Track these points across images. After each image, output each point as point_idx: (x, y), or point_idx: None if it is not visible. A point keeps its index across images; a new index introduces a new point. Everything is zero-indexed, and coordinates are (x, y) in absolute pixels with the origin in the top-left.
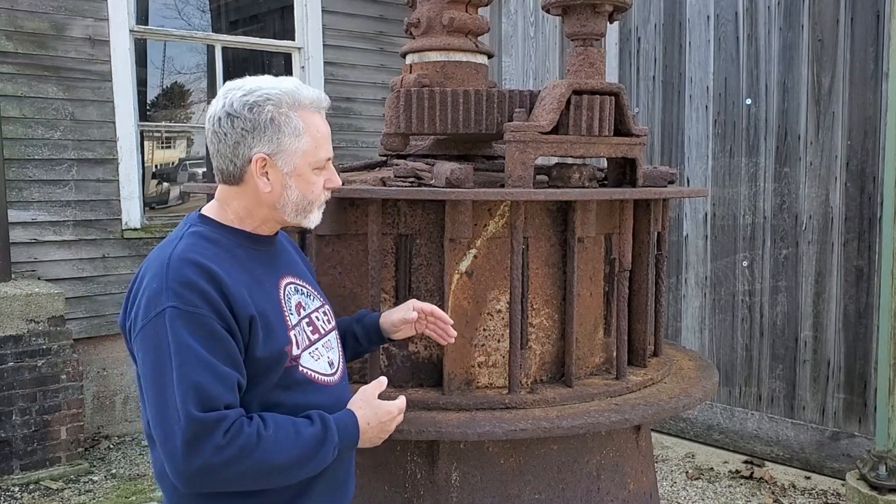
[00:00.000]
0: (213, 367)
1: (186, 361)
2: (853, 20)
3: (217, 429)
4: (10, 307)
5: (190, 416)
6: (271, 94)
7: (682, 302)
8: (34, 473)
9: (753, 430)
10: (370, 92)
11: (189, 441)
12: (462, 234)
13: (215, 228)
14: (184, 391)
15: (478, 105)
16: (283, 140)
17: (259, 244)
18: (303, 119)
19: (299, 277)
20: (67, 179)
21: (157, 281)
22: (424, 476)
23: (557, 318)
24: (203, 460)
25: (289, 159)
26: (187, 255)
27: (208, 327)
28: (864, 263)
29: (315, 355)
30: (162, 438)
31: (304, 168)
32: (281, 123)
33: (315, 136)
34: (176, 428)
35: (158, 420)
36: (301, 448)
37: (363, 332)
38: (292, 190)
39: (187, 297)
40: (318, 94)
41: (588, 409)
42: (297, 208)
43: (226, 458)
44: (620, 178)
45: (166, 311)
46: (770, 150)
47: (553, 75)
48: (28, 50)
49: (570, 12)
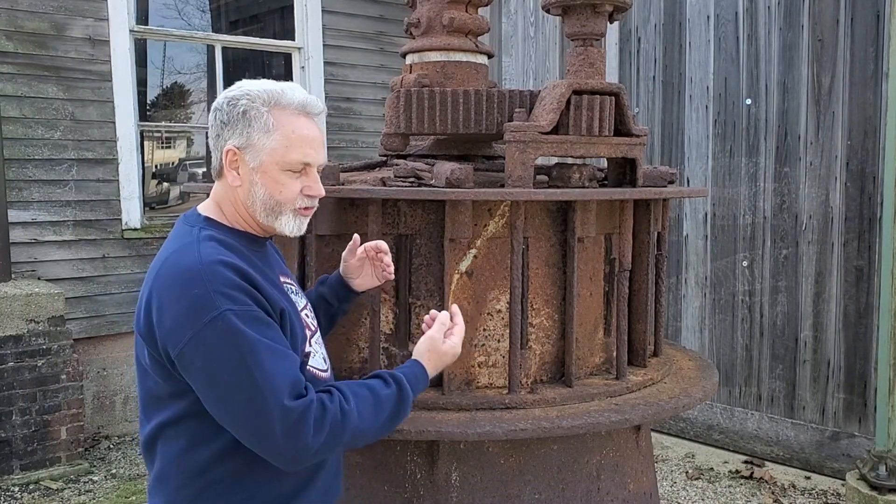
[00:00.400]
0: (286, 355)
1: (263, 357)
2: (853, 20)
3: (308, 414)
4: (10, 307)
5: (284, 408)
6: (251, 91)
7: (682, 302)
8: (34, 473)
9: (753, 430)
10: (370, 92)
11: (286, 431)
12: (462, 234)
13: (222, 231)
14: (273, 384)
15: (478, 105)
16: (252, 135)
17: (258, 245)
18: (277, 118)
19: (288, 276)
20: (67, 179)
21: (197, 287)
22: (424, 476)
23: (557, 318)
24: (302, 445)
25: (256, 154)
26: (217, 257)
27: (264, 321)
28: (864, 263)
29: (312, 352)
30: (255, 436)
31: (270, 166)
32: (252, 118)
33: (288, 137)
34: (274, 420)
35: (243, 419)
36: (382, 413)
37: (330, 291)
38: (258, 187)
39: (238, 297)
40: (307, 99)
41: (588, 409)
42: (266, 208)
43: (321, 439)
44: (620, 178)
45: (223, 314)
46: (770, 150)
47: (553, 75)
48: (28, 50)
49: (570, 12)
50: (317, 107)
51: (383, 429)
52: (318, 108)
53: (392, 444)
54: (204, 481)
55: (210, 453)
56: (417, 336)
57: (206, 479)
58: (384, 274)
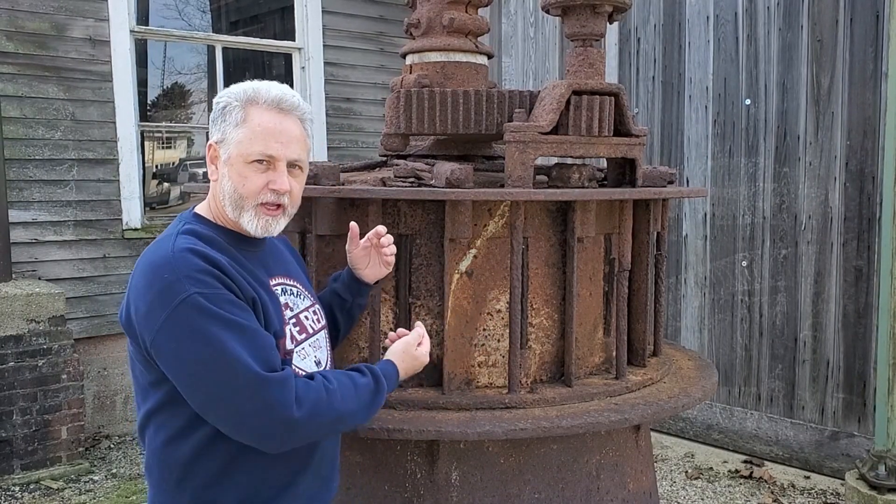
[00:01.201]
0: (258, 333)
1: (233, 335)
2: (853, 20)
3: (288, 385)
4: (11, 307)
5: (261, 379)
6: (237, 90)
7: (681, 302)
8: (35, 473)
9: (753, 429)
10: (370, 92)
11: (266, 404)
12: (462, 234)
13: (208, 227)
14: (244, 360)
15: (478, 105)
16: (227, 129)
17: (247, 245)
18: (247, 112)
19: (290, 277)
20: (68, 179)
21: (167, 272)
22: (424, 476)
23: (557, 317)
24: (285, 417)
25: (227, 148)
26: (187, 246)
27: (235, 302)
28: (863, 263)
29: (301, 354)
30: (233, 413)
31: (236, 158)
32: (227, 113)
33: (253, 129)
34: (249, 395)
35: (223, 398)
36: (361, 399)
37: (342, 287)
38: (226, 179)
39: (207, 281)
40: (282, 95)
41: (588, 408)
42: (232, 202)
43: (305, 413)
44: (620, 178)
45: (191, 297)
46: (769, 150)
47: (553, 76)
48: (29, 50)
49: (569, 13)
50: (292, 103)
51: (360, 415)
52: (293, 105)
53: (392, 443)
54: (184, 474)
55: (190, 448)
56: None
57: (188, 473)
58: (386, 259)
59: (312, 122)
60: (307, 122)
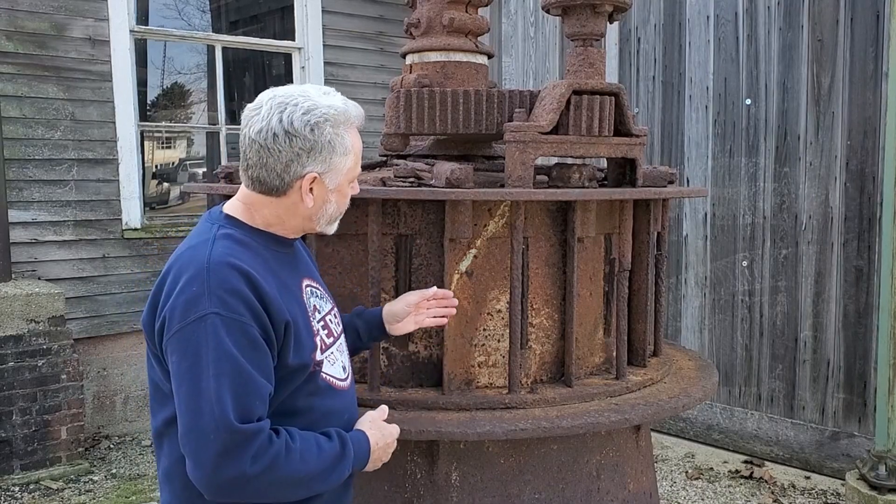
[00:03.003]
0: (252, 379)
1: (227, 371)
2: (853, 20)
3: (254, 440)
4: (11, 307)
5: (229, 426)
6: (328, 114)
7: (681, 302)
8: (34, 473)
9: (753, 429)
10: (370, 92)
11: (225, 451)
12: (462, 234)
13: (244, 231)
14: (224, 401)
15: (478, 105)
16: (335, 160)
17: (282, 246)
18: (351, 138)
19: (314, 280)
20: (68, 179)
21: (197, 284)
22: (424, 476)
23: (557, 318)
24: (237, 471)
25: (335, 177)
26: (227, 258)
27: (249, 336)
28: (863, 263)
29: (331, 360)
30: (193, 446)
31: (344, 184)
32: (336, 144)
33: (357, 153)
34: (212, 437)
35: (191, 427)
36: (323, 463)
37: (365, 327)
38: (331, 204)
39: (231, 304)
40: (361, 111)
41: (588, 408)
42: (331, 219)
43: (258, 469)
44: (620, 178)
45: (208, 316)
46: (770, 150)
47: (553, 75)
48: (28, 50)
49: (569, 12)
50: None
51: (321, 479)
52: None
53: None
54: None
55: None
56: (417, 336)
57: None
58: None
59: None
60: None
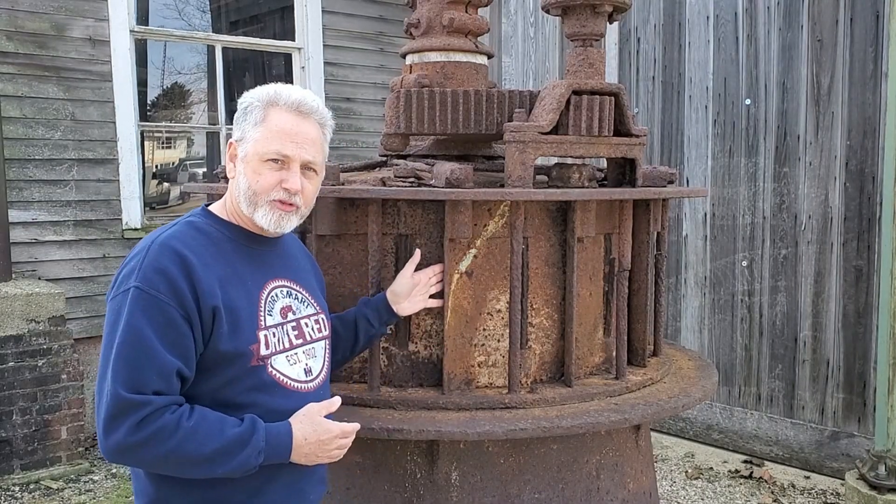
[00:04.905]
0: (155, 354)
1: (129, 342)
2: (853, 20)
3: (137, 411)
4: (11, 307)
5: (115, 393)
6: (262, 93)
7: (681, 302)
8: (34, 473)
9: (753, 429)
10: (370, 92)
11: (110, 416)
12: (462, 234)
13: (212, 221)
14: (116, 369)
15: (478, 105)
16: (247, 128)
17: (256, 243)
18: (267, 112)
19: (296, 283)
20: (68, 179)
21: (135, 260)
22: (424, 476)
23: (557, 317)
24: (118, 438)
25: (245, 146)
26: (170, 241)
27: (167, 314)
28: (863, 263)
29: (292, 360)
30: (95, 407)
31: (252, 156)
32: (249, 113)
33: (270, 129)
34: (104, 401)
35: (97, 389)
36: (221, 445)
37: (374, 313)
38: (242, 176)
39: (154, 280)
40: (302, 99)
41: (588, 408)
42: (246, 198)
43: (138, 440)
44: (620, 178)
45: (131, 290)
46: (769, 150)
47: (553, 75)
48: (28, 50)
49: (569, 13)
50: (311, 107)
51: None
52: (312, 108)
53: (392, 443)
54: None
55: None
56: (417, 336)
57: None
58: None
59: (332, 128)
60: (326, 127)
